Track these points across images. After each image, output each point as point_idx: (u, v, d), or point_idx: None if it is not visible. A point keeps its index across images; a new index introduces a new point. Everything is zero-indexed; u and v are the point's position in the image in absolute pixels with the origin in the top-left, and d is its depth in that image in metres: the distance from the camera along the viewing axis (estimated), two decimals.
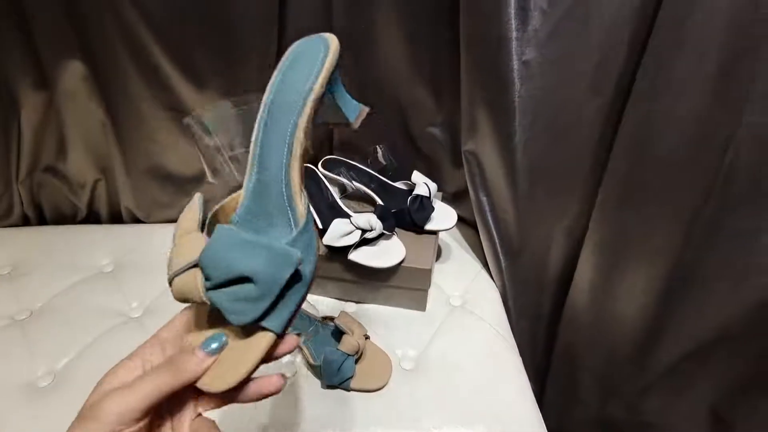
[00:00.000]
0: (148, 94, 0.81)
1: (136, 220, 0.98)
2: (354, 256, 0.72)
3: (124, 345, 0.69)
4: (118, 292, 0.83)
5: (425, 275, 0.74)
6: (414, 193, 0.79)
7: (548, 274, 0.86)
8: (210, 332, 0.36)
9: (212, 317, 0.37)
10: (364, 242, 0.73)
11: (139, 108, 0.83)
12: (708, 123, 0.60)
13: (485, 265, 0.89)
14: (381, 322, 0.78)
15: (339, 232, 0.71)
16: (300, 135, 0.39)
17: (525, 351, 0.80)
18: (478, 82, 0.73)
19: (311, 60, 0.41)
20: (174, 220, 0.44)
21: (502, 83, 0.70)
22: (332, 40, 0.42)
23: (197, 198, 0.39)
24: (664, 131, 0.63)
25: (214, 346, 0.35)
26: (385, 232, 0.74)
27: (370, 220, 0.72)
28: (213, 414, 0.37)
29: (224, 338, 0.36)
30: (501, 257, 0.84)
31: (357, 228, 0.72)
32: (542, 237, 0.83)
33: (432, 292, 0.79)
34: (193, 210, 0.38)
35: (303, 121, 0.39)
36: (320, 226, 0.76)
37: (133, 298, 0.82)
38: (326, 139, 0.93)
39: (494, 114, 0.73)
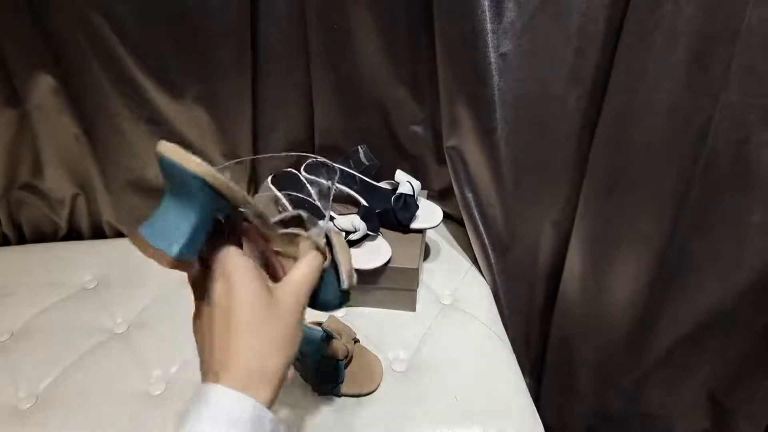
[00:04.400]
0: (123, 106, 0.80)
1: (119, 234, 0.96)
2: None
3: (109, 362, 0.68)
4: (101, 308, 0.81)
5: (412, 275, 0.73)
6: (398, 191, 0.78)
7: (539, 268, 0.86)
8: None
9: None
10: (349, 244, 0.72)
11: (115, 121, 0.81)
12: (685, 109, 0.60)
13: (474, 262, 0.88)
14: (370, 324, 0.77)
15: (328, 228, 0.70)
16: None
17: (519, 346, 0.80)
18: (457, 78, 0.72)
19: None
20: None
21: (481, 77, 0.69)
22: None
23: None
24: (643, 120, 0.63)
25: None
26: (369, 233, 0.73)
27: (353, 221, 0.71)
28: None
29: None
30: (490, 253, 0.83)
31: (341, 230, 0.71)
32: (531, 231, 0.82)
33: (421, 292, 0.78)
34: None
35: None
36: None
37: (118, 313, 0.80)
38: (308, 141, 0.92)
39: (474, 109, 0.72)
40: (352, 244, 0.72)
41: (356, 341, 0.71)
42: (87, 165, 0.86)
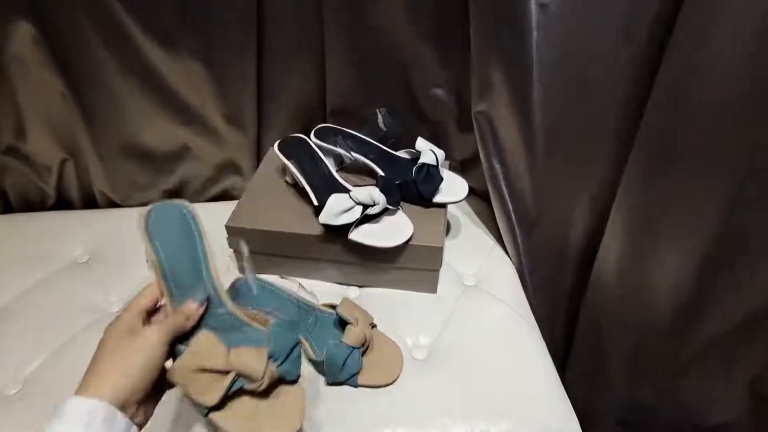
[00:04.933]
0: (111, 60, 0.71)
1: (113, 204, 0.88)
2: (355, 235, 0.64)
3: None
4: (94, 284, 0.75)
5: (436, 254, 0.66)
6: (419, 161, 0.70)
7: (569, 246, 0.79)
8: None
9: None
10: (365, 219, 0.65)
11: (102, 77, 0.73)
12: (763, 67, 0.52)
13: (498, 239, 0.81)
14: (388, 307, 0.70)
15: (337, 209, 0.62)
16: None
17: (543, 328, 0.73)
18: (491, 33, 0.63)
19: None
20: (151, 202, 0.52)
21: (518, 32, 0.61)
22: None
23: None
24: (709, 83, 0.55)
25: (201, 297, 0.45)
26: (389, 206, 0.66)
27: (372, 193, 0.64)
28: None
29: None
30: (516, 230, 0.76)
31: (357, 203, 0.64)
32: (562, 206, 0.75)
33: (443, 272, 0.71)
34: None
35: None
36: (315, 203, 0.67)
37: (112, 290, 0.74)
38: (318, 105, 0.83)
39: (509, 69, 0.64)
40: (369, 218, 0.65)
41: (373, 326, 0.65)
42: (74, 127, 0.78)
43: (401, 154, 0.76)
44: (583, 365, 0.80)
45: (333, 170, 0.71)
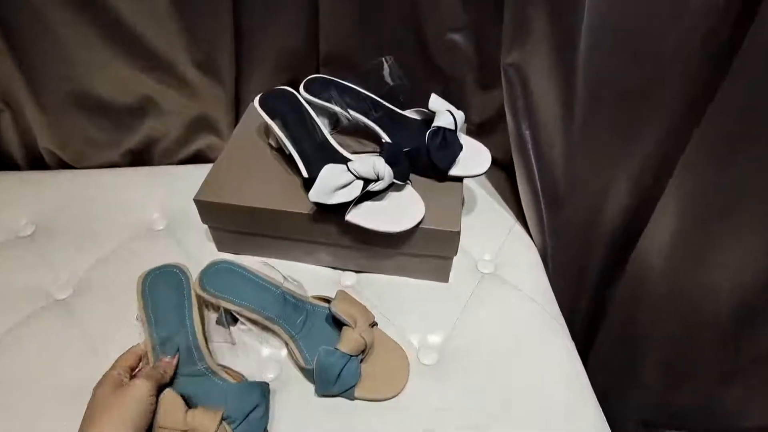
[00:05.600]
0: None
1: (64, 165, 0.75)
2: (353, 216, 0.52)
3: (49, 338, 0.57)
4: (39, 263, 0.63)
5: (452, 239, 0.55)
6: (434, 125, 0.57)
7: (601, 229, 0.68)
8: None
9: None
10: (366, 196, 0.52)
11: (41, 11, 0.57)
12: None
13: (520, 217, 0.70)
14: (391, 298, 0.59)
15: (332, 184, 0.50)
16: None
17: (563, 314, 0.63)
18: None
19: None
20: (113, 164, 0.60)
21: None
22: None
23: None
24: None
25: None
26: (396, 181, 0.53)
27: (375, 165, 0.51)
28: None
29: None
30: (543, 206, 0.65)
31: (357, 177, 0.51)
32: (599, 182, 0.63)
33: (456, 257, 0.60)
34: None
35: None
36: (305, 174, 0.54)
37: (61, 270, 0.62)
38: (309, 50, 0.68)
39: (554, 7, 0.50)
40: (371, 195, 0.53)
41: (374, 325, 0.54)
42: (7, 71, 0.63)
43: (411, 113, 0.63)
44: (608, 361, 0.71)
45: (327, 132, 0.58)
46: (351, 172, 0.51)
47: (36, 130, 0.70)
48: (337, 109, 0.60)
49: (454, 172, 0.57)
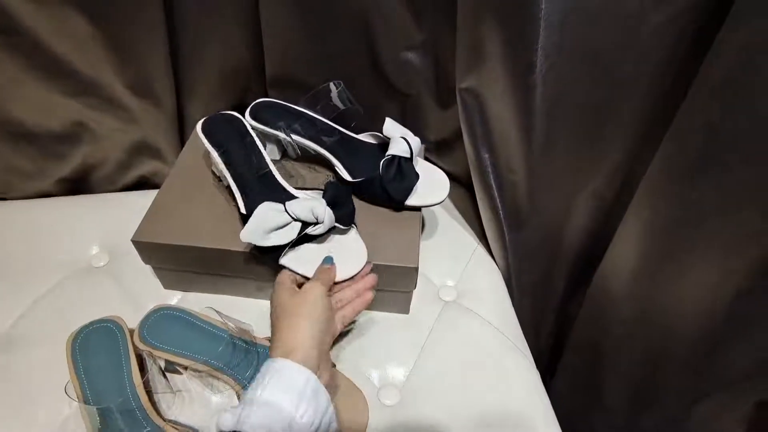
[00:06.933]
0: None
1: None
2: (289, 261, 0.49)
3: None
4: None
5: (410, 275, 0.52)
6: (388, 153, 0.54)
7: (563, 250, 0.67)
8: None
9: None
10: (306, 238, 0.49)
11: None
12: None
13: (482, 237, 0.68)
14: (348, 333, 0.57)
15: (266, 225, 0.47)
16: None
17: (528, 336, 0.63)
18: None
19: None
20: (45, 194, 0.59)
21: None
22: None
23: None
24: None
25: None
26: (338, 225, 0.50)
27: (314, 208, 0.48)
28: None
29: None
30: (504, 228, 0.63)
31: (294, 219, 0.48)
32: (560, 203, 0.62)
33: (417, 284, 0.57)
34: None
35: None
36: (242, 210, 0.51)
37: None
38: (256, 71, 0.64)
39: (508, 33, 0.48)
40: (311, 238, 0.50)
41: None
42: None
43: (366, 137, 0.60)
44: (571, 384, 0.71)
45: (271, 164, 0.54)
46: (288, 213, 0.47)
47: None
48: (283, 136, 0.56)
49: (410, 202, 0.55)
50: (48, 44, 0.54)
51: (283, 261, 0.49)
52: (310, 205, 0.48)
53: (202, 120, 0.57)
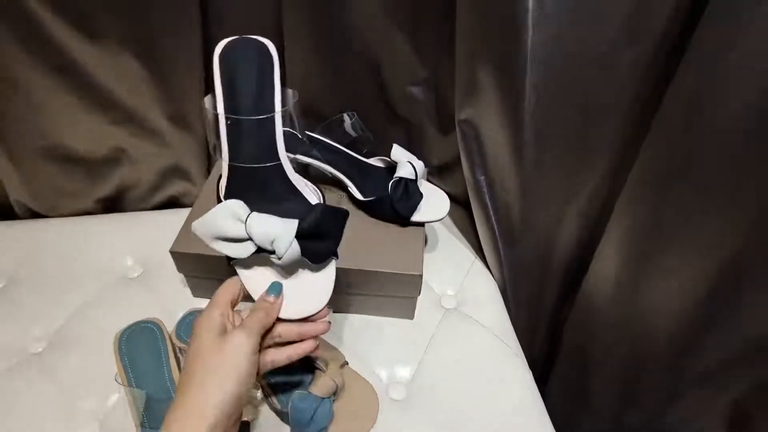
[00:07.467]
0: (18, 47, 0.58)
1: (35, 215, 0.76)
2: (240, 266, 0.45)
3: (23, 398, 0.57)
4: (11, 317, 0.63)
5: (414, 281, 0.59)
6: (396, 175, 0.62)
7: (554, 264, 0.73)
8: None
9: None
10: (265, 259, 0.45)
11: (12, 69, 0.59)
12: None
13: (479, 251, 0.74)
14: (360, 337, 0.63)
15: (215, 228, 0.42)
16: None
17: (524, 345, 0.68)
18: (479, 30, 0.55)
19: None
20: (85, 212, 0.58)
21: (512, 30, 0.52)
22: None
23: None
24: (735, 92, 0.48)
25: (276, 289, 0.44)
26: (305, 259, 0.44)
27: (277, 237, 0.41)
28: None
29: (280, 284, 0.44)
30: (500, 244, 0.70)
31: (248, 238, 0.42)
32: (550, 220, 0.69)
33: (421, 293, 0.64)
34: None
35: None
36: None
37: (33, 324, 0.63)
38: None
39: (500, 71, 0.56)
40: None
41: (344, 365, 0.57)
42: None
43: (375, 162, 0.67)
44: (563, 388, 0.76)
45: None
46: (246, 229, 0.41)
47: (7, 183, 0.71)
48: (305, 159, 0.64)
49: (415, 218, 0.62)
50: (100, 80, 0.63)
51: (234, 263, 0.45)
52: (275, 231, 0.41)
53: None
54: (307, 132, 0.68)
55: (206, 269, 0.61)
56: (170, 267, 0.62)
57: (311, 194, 0.51)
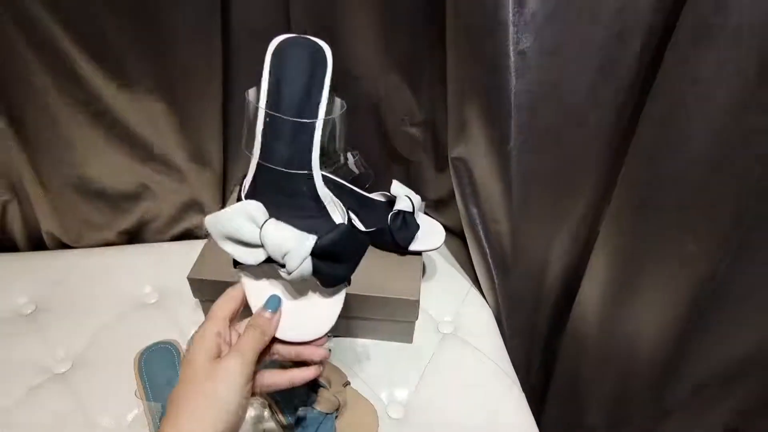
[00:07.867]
0: (56, 91, 0.64)
1: (62, 245, 0.82)
2: (244, 272, 0.44)
3: (46, 411, 0.59)
4: (39, 339, 0.68)
5: (412, 307, 0.63)
6: (395, 208, 0.67)
7: (545, 290, 0.77)
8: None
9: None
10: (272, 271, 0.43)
11: (48, 111, 0.66)
12: (756, 113, 0.50)
13: (475, 280, 0.79)
14: (360, 358, 0.67)
15: (227, 229, 0.39)
16: None
17: (519, 372, 0.72)
18: (469, 77, 0.61)
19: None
20: (108, 243, 0.56)
21: (497, 79, 0.59)
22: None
23: None
24: (699, 123, 0.53)
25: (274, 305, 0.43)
26: (315, 280, 0.42)
27: (290, 250, 0.39)
28: None
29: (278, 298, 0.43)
30: (494, 273, 0.74)
31: (261, 245, 0.40)
32: (540, 249, 0.74)
33: (419, 319, 0.68)
34: None
35: None
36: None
37: (59, 346, 0.67)
38: None
39: (487, 114, 0.62)
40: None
41: (347, 384, 0.61)
42: (16, 162, 0.70)
43: (376, 196, 0.73)
44: (560, 412, 0.79)
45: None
46: (260, 235, 0.38)
47: (40, 216, 0.77)
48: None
49: (413, 247, 0.67)
50: (127, 120, 0.69)
51: (240, 269, 0.43)
52: (290, 243, 0.38)
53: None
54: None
55: (220, 294, 0.66)
56: (185, 293, 0.66)
57: (337, 213, 0.47)
